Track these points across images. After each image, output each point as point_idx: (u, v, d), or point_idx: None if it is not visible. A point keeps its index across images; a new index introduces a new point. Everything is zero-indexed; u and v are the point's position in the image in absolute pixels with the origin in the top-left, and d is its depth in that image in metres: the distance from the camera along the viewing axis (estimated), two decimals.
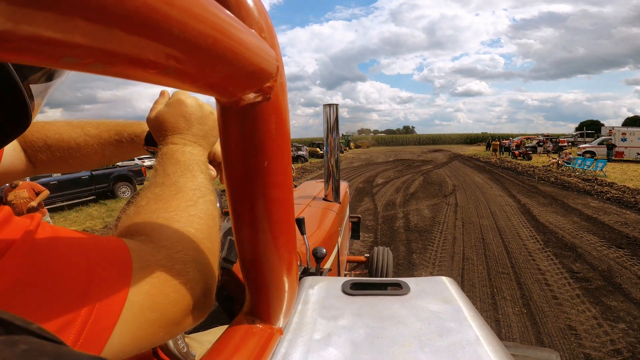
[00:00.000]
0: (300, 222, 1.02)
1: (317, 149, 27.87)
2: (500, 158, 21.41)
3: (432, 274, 3.74)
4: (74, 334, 0.22)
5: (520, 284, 3.55)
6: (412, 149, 44.89)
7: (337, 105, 2.01)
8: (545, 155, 21.50)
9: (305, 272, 0.98)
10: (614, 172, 12.46)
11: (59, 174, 8.25)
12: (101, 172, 9.74)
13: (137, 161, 13.11)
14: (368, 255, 2.65)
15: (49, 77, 0.39)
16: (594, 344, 2.54)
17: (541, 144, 26.00)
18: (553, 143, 26.13)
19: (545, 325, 2.79)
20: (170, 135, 0.42)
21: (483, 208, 7.13)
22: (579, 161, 13.46)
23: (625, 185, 9.26)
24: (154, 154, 0.46)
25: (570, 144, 27.48)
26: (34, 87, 0.37)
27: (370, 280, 0.70)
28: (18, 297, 0.21)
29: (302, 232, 1.04)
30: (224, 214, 0.67)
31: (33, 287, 0.21)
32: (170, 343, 0.45)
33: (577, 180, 10.56)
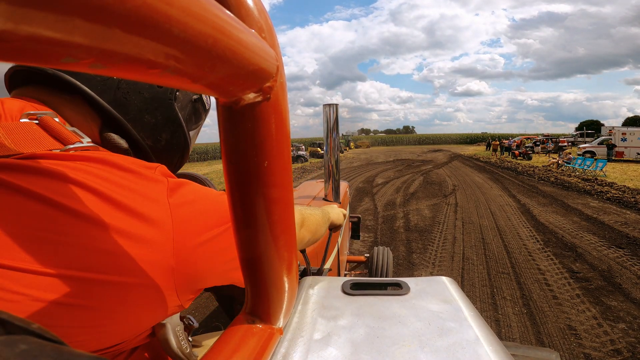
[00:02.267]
0: None
1: (318, 148, 27.66)
2: (500, 158, 21.41)
3: (432, 274, 3.74)
4: None
5: (520, 283, 3.55)
6: (412, 148, 44.88)
7: (337, 105, 2.00)
8: (545, 155, 21.51)
9: (305, 272, 0.98)
10: (614, 172, 12.47)
11: None
12: None
13: None
14: (368, 255, 2.65)
15: (197, 125, 0.63)
16: (594, 344, 2.54)
17: (538, 143, 25.96)
18: (553, 143, 26.09)
19: (545, 325, 2.79)
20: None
21: (483, 208, 7.13)
22: (579, 161, 13.46)
23: (625, 185, 9.26)
24: None
25: (570, 143, 27.45)
26: (191, 133, 0.61)
27: (370, 280, 0.70)
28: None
29: None
30: None
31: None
32: (174, 343, 0.45)
33: (577, 180, 10.56)
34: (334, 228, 0.94)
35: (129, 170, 0.37)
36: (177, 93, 0.56)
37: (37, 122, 0.39)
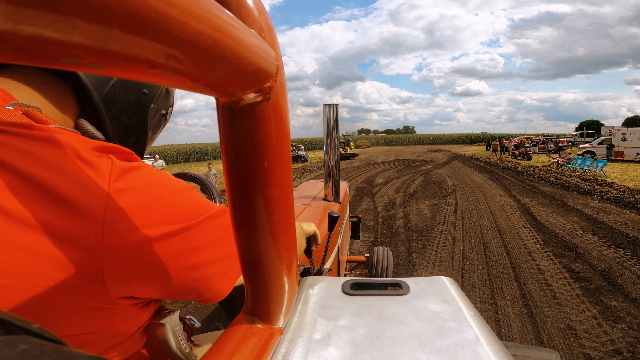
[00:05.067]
0: None
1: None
2: (500, 158, 21.41)
3: (432, 274, 3.74)
4: None
5: (520, 283, 3.55)
6: (412, 148, 44.87)
7: (337, 105, 2.01)
8: (545, 155, 21.51)
9: (305, 272, 0.98)
10: (614, 172, 12.46)
11: None
12: None
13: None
14: (368, 255, 2.65)
15: (154, 137, 0.62)
16: (594, 343, 2.54)
17: (535, 143, 25.91)
18: (554, 143, 26.04)
19: (545, 325, 2.79)
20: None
21: (483, 208, 7.13)
22: (579, 161, 13.45)
23: (625, 185, 9.25)
24: None
25: (570, 143, 27.42)
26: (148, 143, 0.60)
27: (370, 280, 0.70)
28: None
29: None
30: None
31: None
32: (173, 344, 0.45)
33: (577, 180, 10.56)
34: (313, 238, 0.95)
35: (71, 148, 0.31)
36: (153, 105, 0.55)
37: (21, 112, 0.36)
